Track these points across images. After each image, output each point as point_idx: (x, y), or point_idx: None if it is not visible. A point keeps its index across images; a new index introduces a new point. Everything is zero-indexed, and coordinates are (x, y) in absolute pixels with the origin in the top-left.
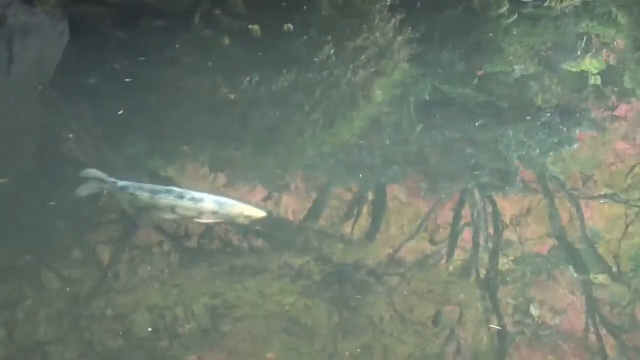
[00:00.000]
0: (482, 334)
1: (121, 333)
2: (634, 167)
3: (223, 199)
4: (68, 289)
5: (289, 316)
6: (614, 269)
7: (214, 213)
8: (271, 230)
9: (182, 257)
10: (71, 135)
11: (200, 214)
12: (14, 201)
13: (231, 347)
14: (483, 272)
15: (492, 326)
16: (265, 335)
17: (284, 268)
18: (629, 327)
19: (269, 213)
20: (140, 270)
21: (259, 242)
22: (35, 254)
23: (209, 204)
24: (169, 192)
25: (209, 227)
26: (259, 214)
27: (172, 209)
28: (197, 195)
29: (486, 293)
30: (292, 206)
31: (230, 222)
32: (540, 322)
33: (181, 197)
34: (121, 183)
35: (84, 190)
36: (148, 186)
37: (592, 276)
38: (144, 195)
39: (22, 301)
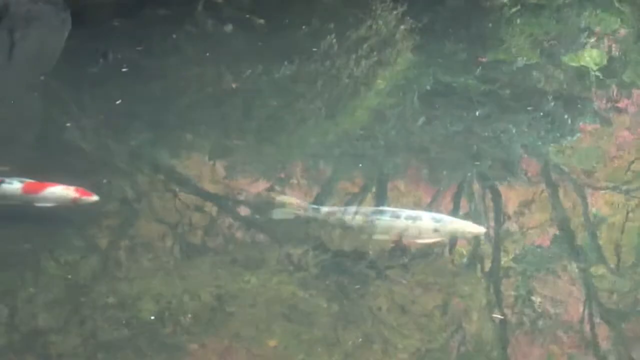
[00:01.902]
0: (485, 321)
1: (124, 322)
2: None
3: (439, 215)
4: (69, 276)
5: (290, 303)
6: (614, 261)
7: (435, 231)
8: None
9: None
10: (72, 124)
11: (420, 233)
12: None
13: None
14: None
15: (495, 315)
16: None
17: (285, 259)
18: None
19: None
20: (143, 260)
21: (261, 232)
22: (35, 242)
23: (427, 222)
24: (380, 212)
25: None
26: (479, 230)
27: (388, 230)
28: (412, 213)
29: (489, 282)
30: (294, 195)
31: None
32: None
33: (397, 216)
34: (325, 209)
35: (279, 214)
36: (354, 209)
37: (593, 266)
38: (356, 219)
39: (22, 288)
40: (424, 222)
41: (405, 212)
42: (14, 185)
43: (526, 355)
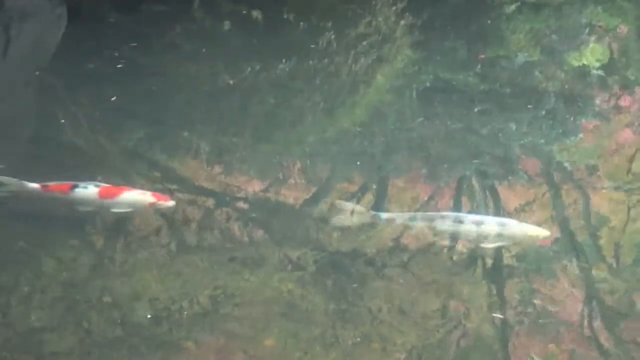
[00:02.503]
0: (484, 320)
1: (119, 320)
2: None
3: (503, 219)
4: (64, 274)
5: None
6: (614, 260)
7: (499, 235)
8: (271, 216)
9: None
10: (67, 121)
11: (484, 238)
12: None
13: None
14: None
15: (495, 314)
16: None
17: (284, 258)
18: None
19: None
20: (139, 257)
21: (259, 230)
22: (31, 239)
23: (491, 226)
24: (443, 217)
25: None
26: (544, 233)
27: (453, 235)
28: (476, 217)
29: (489, 281)
30: (292, 193)
31: (516, 244)
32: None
33: (460, 221)
34: (385, 215)
35: (339, 221)
36: (415, 215)
37: (594, 265)
38: (418, 225)
39: (18, 285)
40: (489, 227)
41: (469, 217)
42: (90, 190)
43: (525, 352)
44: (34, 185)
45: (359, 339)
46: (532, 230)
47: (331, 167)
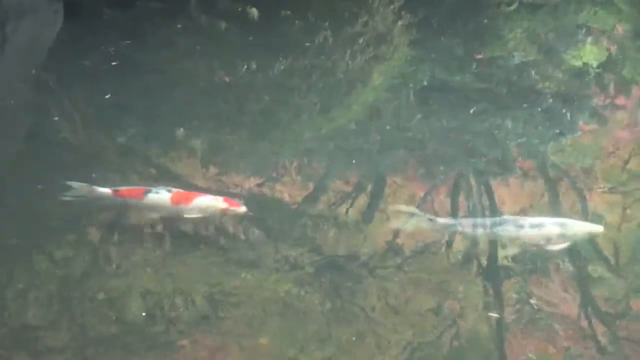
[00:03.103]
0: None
1: (114, 318)
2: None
3: (560, 219)
4: (57, 271)
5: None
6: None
7: (561, 236)
8: (267, 215)
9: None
10: (63, 118)
11: (547, 240)
12: (5, 183)
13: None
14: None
15: (491, 314)
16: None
17: (280, 258)
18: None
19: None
20: (134, 256)
21: (256, 229)
22: (25, 237)
23: (552, 227)
24: (502, 222)
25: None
26: (598, 229)
27: (514, 240)
28: (535, 220)
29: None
30: (288, 191)
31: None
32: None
33: (520, 225)
34: (441, 220)
35: (395, 225)
36: (472, 220)
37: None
38: (477, 231)
39: (12, 282)
40: (550, 229)
41: (528, 220)
42: (162, 196)
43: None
44: (105, 190)
45: (354, 338)
46: (590, 228)
47: (327, 165)
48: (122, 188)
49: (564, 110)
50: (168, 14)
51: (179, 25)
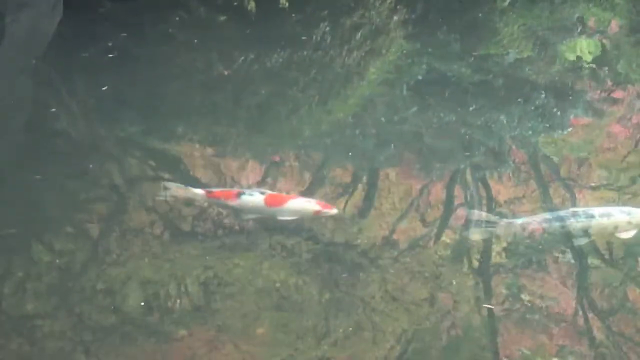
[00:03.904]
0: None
1: (112, 307)
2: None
3: (625, 208)
4: (57, 261)
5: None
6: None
7: (629, 223)
8: None
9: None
10: (61, 109)
11: (616, 227)
12: (4, 173)
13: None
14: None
15: (485, 305)
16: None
17: (276, 246)
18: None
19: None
20: (132, 247)
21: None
22: (24, 227)
23: (620, 216)
24: (574, 215)
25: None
26: None
27: (586, 230)
28: (603, 210)
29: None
30: (285, 184)
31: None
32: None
33: (591, 215)
34: (519, 220)
35: (475, 233)
36: (549, 216)
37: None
38: (554, 226)
39: (10, 271)
40: (618, 217)
41: (597, 210)
42: (256, 198)
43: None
44: (199, 191)
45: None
46: None
47: (324, 157)
48: (216, 189)
49: (558, 105)
50: (166, 7)
51: (177, 18)
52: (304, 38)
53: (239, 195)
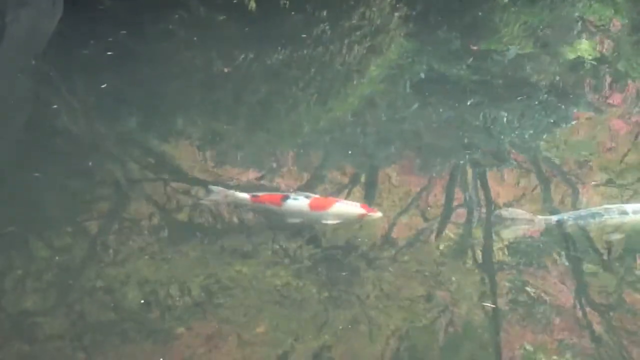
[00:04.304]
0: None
1: (112, 305)
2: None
3: None
4: (57, 258)
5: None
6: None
7: None
8: None
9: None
10: (62, 107)
11: None
12: (4, 171)
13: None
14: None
15: (485, 304)
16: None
17: (278, 248)
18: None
19: None
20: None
21: (252, 219)
22: (24, 224)
23: None
24: (608, 211)
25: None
26: None
27: (619, 227)
28: (635, 207)
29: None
30: (284, 181)
31: None
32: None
33: (625, 212)
34: (555, 217)
35: (510, 233)
36: (586, 212)
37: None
38: (590, 223)
39: (10, 269)
40: None
41: (630, 207)
42: (301, 202)
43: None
44: (244, 195)
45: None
46: None
47: (324, 155)
48: (261, 194)
49: (559, 103)
50: (166, 4)
51: (177, 16)
52: (303, 36)
53: (283, 199)
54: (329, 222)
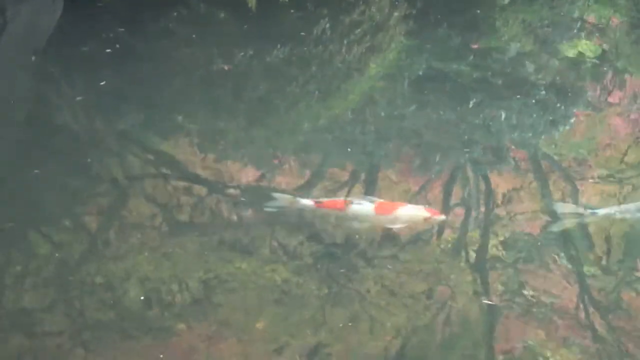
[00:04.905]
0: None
1: (112, 302)
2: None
3: None
4: (57, 254)
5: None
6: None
7: None
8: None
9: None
10: (62, 104)
11: None
12: (4, 168)
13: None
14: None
15: (485, 300)
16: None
17: (276, 245)
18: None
19: None
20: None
21: (252, 216)
22: (23, 220)
23: None
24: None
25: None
26: None
27: None
28: None
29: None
30: (284, 179)
31: None
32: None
33: None
34: (603, 211)
35: (557, 226)
36: (629, 207)
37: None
38: (637, 216)
39: (9, 266)
40: None
41: None
42: (365, 206)
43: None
44: (308, 202)
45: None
46: None
47: (324, 153)
48: (325, 199)
49: (559, 101)
50: (166, 2)
51: (177, 14)
52: (303, 34)
53: (347, 204)
54: (395, 225)
